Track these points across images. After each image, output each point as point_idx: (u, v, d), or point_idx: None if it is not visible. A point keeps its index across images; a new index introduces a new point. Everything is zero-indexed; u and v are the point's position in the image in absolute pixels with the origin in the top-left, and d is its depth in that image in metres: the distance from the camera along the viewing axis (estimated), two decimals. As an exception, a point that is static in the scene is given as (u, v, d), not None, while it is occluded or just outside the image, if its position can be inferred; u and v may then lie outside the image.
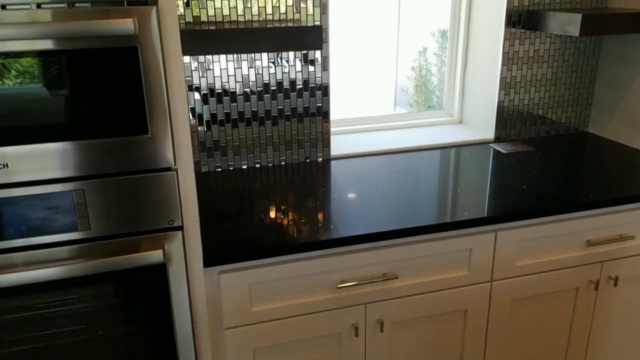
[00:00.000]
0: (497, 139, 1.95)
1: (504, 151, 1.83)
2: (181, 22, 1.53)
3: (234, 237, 1.25)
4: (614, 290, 1.55)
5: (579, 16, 1.58)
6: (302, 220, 1.32)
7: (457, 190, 1.52)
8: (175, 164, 1.06)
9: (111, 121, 1.00)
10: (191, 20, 1.54)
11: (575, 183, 1.56)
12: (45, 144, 0.98)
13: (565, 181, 1.57)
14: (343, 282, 1.28)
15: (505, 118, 1.93)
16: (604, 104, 1.96)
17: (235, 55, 1.59)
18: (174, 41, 0.99)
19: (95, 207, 1.04)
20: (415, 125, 2.10)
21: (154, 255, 1.06)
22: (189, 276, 1.15)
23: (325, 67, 1.69)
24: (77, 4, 0.93)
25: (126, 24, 0.91)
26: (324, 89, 1.71)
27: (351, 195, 1.48)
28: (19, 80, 0.93)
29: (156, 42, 0.97)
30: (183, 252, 1.12)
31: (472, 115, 2.07)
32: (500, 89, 1.88)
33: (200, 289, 1.17)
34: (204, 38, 1.29)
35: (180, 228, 1.10)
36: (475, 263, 1.37)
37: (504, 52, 1.84)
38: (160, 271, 1.11)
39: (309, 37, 1.37)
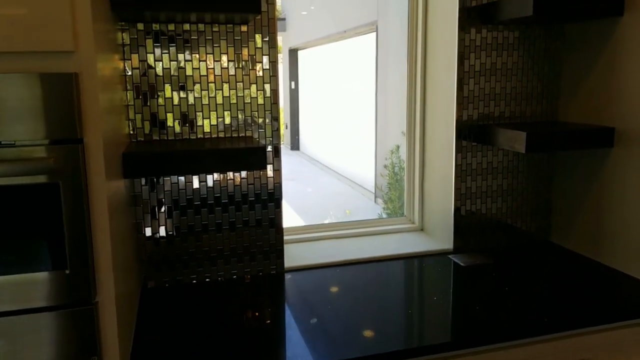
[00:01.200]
0: (457, 249, 1.92)
1: (462, 264, 1.81)
2: (133, 140, 1.55)
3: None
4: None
5: (523, 134, 1.63)
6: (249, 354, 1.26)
7: (409, 311, 1.48)
8: (95, 298, 1.02)
9: (29, 256, 0.97)
10: (142, 139, 1.56)
11: (532, 303, 1.52)
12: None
13: (521, 301, 1.52)
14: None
15: (463, 228, 1.92)
16: (563, 214, 1.97)
17: (186, 170, 1.60)
18: (99, 176, 0.99)
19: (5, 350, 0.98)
20: (376, 233, 2.08)
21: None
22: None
23: (277, 179, 1.70)
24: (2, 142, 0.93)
25: (47, 164, 0.91)
26: (277, 201, 1.71)
27: (305, 316, 1.43)
28: None
29: (80, 177, 0.96)
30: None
31: (432, 223, 2.06)
32: (456, 199, 1.90)
33: None
34: (147, 162, 1.30)
35: (101, 367, 1.04)
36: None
37: (456, 164, 1.87)
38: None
39: (254, 158, 1.39)
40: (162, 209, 1.60)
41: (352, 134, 8.42)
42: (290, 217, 6.41)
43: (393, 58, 6.11)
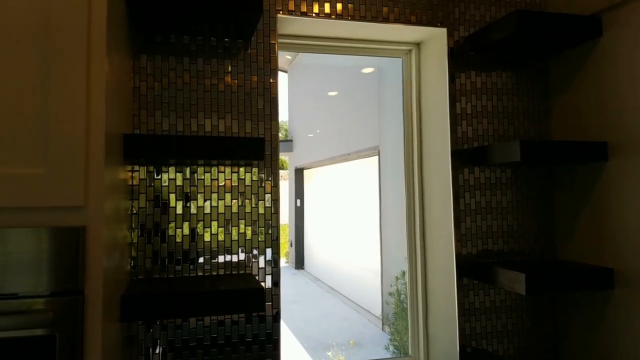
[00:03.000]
0: (463, 393, 1.83)
1: (468, 410, 1.71)
2: (133, 277, 1.57)
3: None
4: None
5: (523, 276, 1.63)
6: None
7: None
8: None
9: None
10: (142, 277, 1.57)
11: None
12: None
13: None
14: None
15: (468, 370, 1.85)
16: (573, 355, 1.90)
17: (184, 309, 1.59)
18: (96, 326, 0.99)
19: None
20: (378, 372, 2.00)
21: None
22: None
23: (276, 319, 1.68)
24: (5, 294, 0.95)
25: (47, 317, 0.92)
26: (274, 343, 1.67)
27: None
28: None
29: (77, 328, 0.97)
30: None
31: (436, 363, 1.99)
32: (461, 340, 1.85)
33: None
34: (146, 305, 1.31)
35: None
36: None
37: (459, 303, 1.85)
38: None
39: (251, 300, 1.39)
40: (157, 350, 1.56)
41: (357, 255, 8.39)
42: (292, 345, 6.17)
43: (395, 183, 6.30)
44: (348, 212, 9.02)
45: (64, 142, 0.99)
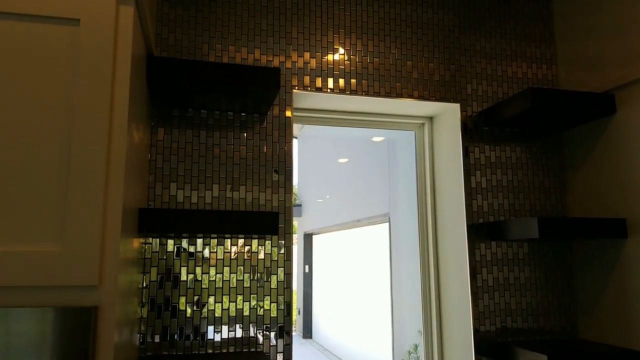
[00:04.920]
0: None
1: None
2: (142, 354, 1.52)
3: None
4: None
5: (544, 357, 1.56)
6: None
7: None
8: None
9: None
10: (151, 353, 1.52)
11: None
12: None
13: None
14: None
15: None
16: None
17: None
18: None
19: None
20: None
21: None
22: None
23: (287, 401, 1.60)
24: (7, 375, 0.92)
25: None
26: None
27: None
28: None
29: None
30: None
31: None
32: None
33: None
34: (151, 385, 1.25)
35: None
36: None
37: (478, 385, 1.76)
38: None
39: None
40: None
41: (366, 324, 8.15)
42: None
43: (406, 250, 6.22)
44: (358, 279, 8.86)
45: (81, 220, 0.98)
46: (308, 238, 12.94)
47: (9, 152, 0.99)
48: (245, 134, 1.72)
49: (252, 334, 1.62)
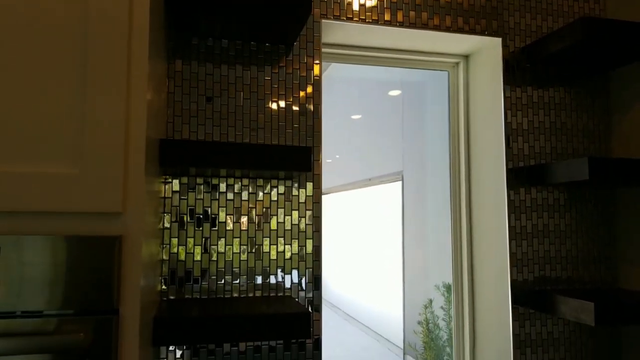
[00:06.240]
0: None
1: None
2: (163, 297, 1.44)
3: None
4: None
5: (591, 305, 1.47)
6: None
7: None
8: None
9: None
10: (173, 297, 1.44)
11: None
12: None
13: None
14: None
15: (525, 410, 1.67)
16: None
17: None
18: (131, 352, 0.86)
19: None
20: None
21: None
22: None
23: (317, 346, 1.52)
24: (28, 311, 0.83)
25: (75, 340, 0.79)
26: (315, 374, 1.52)
27: None
28: None
29: (109, 354, 0.84)
30: None
31: (486, 402, 1.80)
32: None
33: None
34: (180, 329, 1.17)
35: None
36: None
37: (514, 334, 1.68)
38: None
39: (297, 325, 1.24)
40: (187, 380, 1.42)
41: (378, 282, 8.16)
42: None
43: (419, 209, 6.13)
44: (368, 238, 8.83)
45: (101, 140, 0.87)
46: (317, 198, 12.85)
47: (19, 58, 0.87)
48: (270, 68, 1.58)
49: (279, 278, 1.53)
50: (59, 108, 0.87)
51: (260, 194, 1.54)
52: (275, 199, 1.55)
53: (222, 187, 1.51)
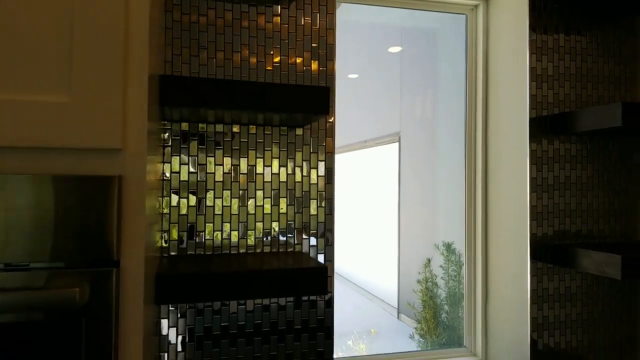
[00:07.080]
0: (535, 394, 1.60)
1: (547, 415, 1.48)
2: (164, 254, 1.33)
3: None
4: None
5: (618, 258, 1.39)
6: None
7: None
8: None
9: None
10: (175, 253, 1.34)
11: None
12: None
13: None
14: None
15: (541, 367, 1.61)
16: (655, 354, 1.66)
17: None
18: (134, 309, 0.76)
19: None
20: (432, 367, 1.77)
21: None
22: None
23: (329, 304, 1.44)
24: (13, 263, 0.72)
25: (69, 296, 0.68)
26: (327, 331, 1.44)
27: None
28: None
29: (110, 311, 0.73)
30: None
31: (500, 357, 1.75)
32: (532, 330, 1.61)
33: None
34: (184, 285, 1.07)
35: None
36: None
37: (532, 290, 1.61)
38: None
39: (314, 281, 1.15)
40: (192, 338, 1.33)
41: (373, 245, 8.15)
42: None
43: (417, 170, 6.04)
44: (361, 200, 8.77)
45: (95, 60, 0.74)
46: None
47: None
48: (279, 3, 1.44)
49: (289, 233, 1.43)
50: (40, 13, 0.74)
51: (269, 141, 1.42)
52: (285, 148, 1.43)
53: (228, 135, 1.39)
